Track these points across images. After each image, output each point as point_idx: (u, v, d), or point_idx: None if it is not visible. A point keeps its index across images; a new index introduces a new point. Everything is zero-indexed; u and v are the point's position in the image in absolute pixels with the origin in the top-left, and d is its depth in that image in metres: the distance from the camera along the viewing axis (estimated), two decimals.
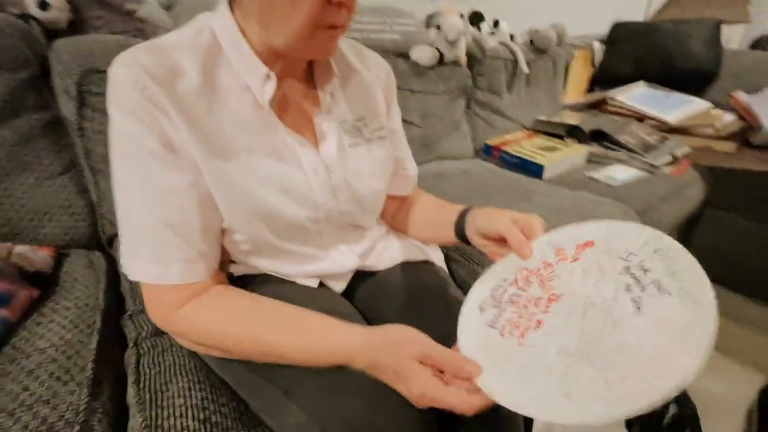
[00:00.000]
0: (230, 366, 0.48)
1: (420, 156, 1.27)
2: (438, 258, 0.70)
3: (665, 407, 0.68)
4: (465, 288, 0.78)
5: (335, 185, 0.51)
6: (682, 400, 0.69)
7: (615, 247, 0.38)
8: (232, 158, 0.44)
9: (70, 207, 0.75)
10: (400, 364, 0.37)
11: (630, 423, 0.72)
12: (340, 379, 0.41)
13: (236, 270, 0.55)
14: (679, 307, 0.31)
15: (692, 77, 1.58)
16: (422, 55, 1.22)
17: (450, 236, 0.57)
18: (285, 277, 0.55)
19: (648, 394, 0.27)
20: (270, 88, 0.44)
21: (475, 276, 0.75)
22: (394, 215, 0.68)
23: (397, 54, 1.21)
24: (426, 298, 0.57)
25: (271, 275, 0.55)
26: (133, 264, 0.43)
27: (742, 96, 1.40)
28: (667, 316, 0.31)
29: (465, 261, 0.77)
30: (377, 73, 0.58)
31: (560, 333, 0.34)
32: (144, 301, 0.45)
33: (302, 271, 0.55)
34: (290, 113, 0.49)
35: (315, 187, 0.49)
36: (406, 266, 0.64)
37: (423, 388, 0.36)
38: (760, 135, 1.31)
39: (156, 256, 0.42)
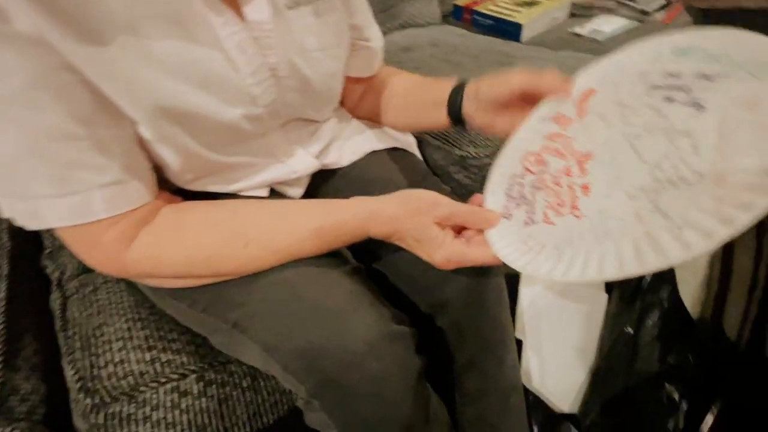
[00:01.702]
0: (171, 303, 0.41)
1: (380, 25, 1.05)
2: (409, 143, 0.60)
3: None
4: (443, 176, 0.71)
5: (275, 68, 0.37)
6: None
7: (620, 78, 0.34)
8: (111, 40, 0.29)
9: None
10: (422, 231, 0.35)
11: (609, 286, 0.73)
12: (293, 306, 0.35)
13: None
14: (751, 82, 0.26)
15: None
16: None
17: (438, 119, 0.47)
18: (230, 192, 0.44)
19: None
20: None
21: (453, 160, 0.67)
22: (360, 102, 0.55)
23: None
24: (400, 190, 0.48)
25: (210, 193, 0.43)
26: (31, 207, 0.30)
27: None
28: (745, 93, 0.26)
29: (441, 144, 0.67)
30: None
31: (619, 180, 0.30)
32: (80, 254, 0.34)
33: (249, 184, 0.44)
34: None
35: (245, 73, 0.36)
36: (373, 157, 0.54)
37: (447, 253, 0.35)
38: None
39: (65, 187, 0.30)
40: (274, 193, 0.48)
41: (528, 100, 0.39)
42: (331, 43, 0.42)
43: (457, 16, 1.21)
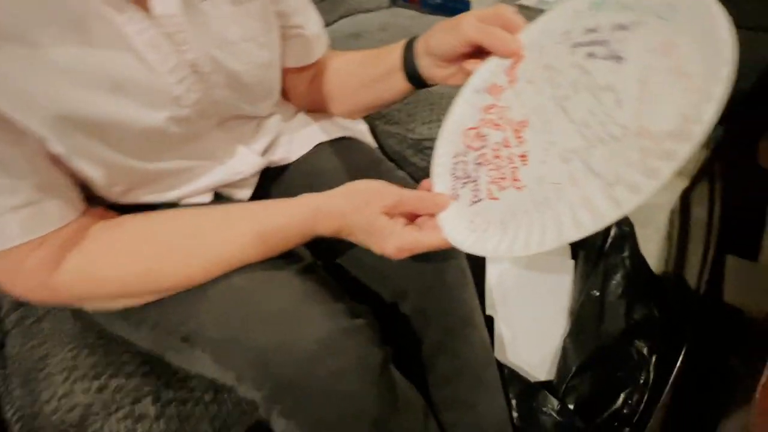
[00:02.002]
0: (119, 324, 0.39)
1: (326, 14, 1.02)
2: (360, 131, 0.58)
3: (607, 228, 0.70)
4: (399, 161, 0.70)
5: (195, 64, 0.35)
6: (621, 219, 0.71)
7: (545, 41, 0.33)
8: None
9: None
10: (370, 224, 0.34)
11: (575, 252, 0.74)
12: (242, 312, 0.34)
13: None
14: (664, 26, 0.26)
15: None
16: None
17: (397, 87, 0.44)
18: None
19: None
20: None
21: (408, 144, 0.66)
22: (308, 93, 0.52)
23: None
24: (345, 184, 0.47)
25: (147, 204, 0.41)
26: None
27: None
28: (659, 39, 0.26)
29: (394, 129, 0.66)
30: None
31: (553, 145, 0.30)
32: (4, 285, 0.32)
33: (188, 190, 0.41)
34: None
35: (162, 72, 0.33)
36: (324, 149, 0.52)
37: (398, 242, 0.34)
38: None
39: None
40: (220, 198, 0.46)
41: (483, 50, 0.36)
42: (257, 32, 0.40)
43: None
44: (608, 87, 0.27)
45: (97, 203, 0.37)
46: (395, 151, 0.67)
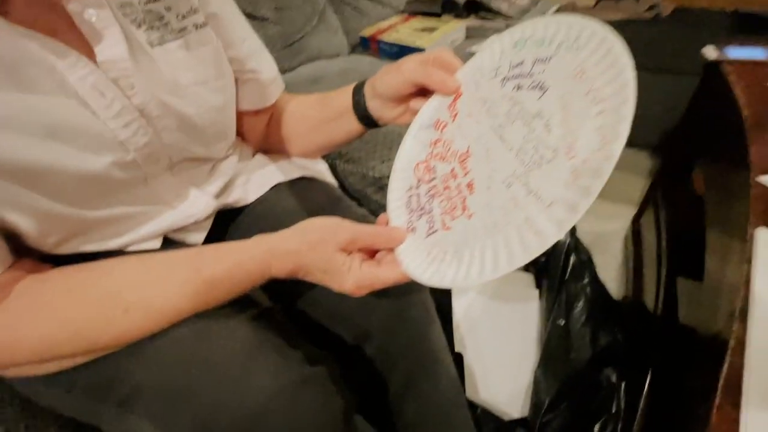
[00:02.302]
0: (45, 392, 0.34)
1: (287, 60, 1.07)
2: (320, 170, 0.58)
3: (566, 257, 0.72)
4: (361, 198, 0.70)
5: (143, 108, 0.34)
6: (578, 248, 0.74)
7: (480, 78, 0.36)
8: None
9: None
10: (326, 261, 0.34)
11: (539, 282, 0.76)
12: (183, 368, 0.31)
13: None
14: (575, 54, 0.30)
15: None
16: None
17: (350, 127, 0.45)
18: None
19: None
20: None
21: (368, 181, 0.67)
22: (265, 136, 0.52)
23: None
24: (300, 222, 0.46)
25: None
26: None
27: None
28: (572, 67, 0.29)
29: (354, 167, 0.67)
30: None
31: (496, 171, 0.32)
32: None
33: (135, 237, 0.39)
34: (18, 3, 0.29)
35: (106, 117, 0.32)
36: (282, 189, 0.51)
37: (356, 279, 0.33)
38: None
39: None
40: (171, 243, 0.43)
41: (425, 91, 0.38)
42: (209, 77, 0.40)
43: (365, 46, 1.25)
44: (537, 114, 0.30)
45: (30, 254, 0.34)
46: (356, 189, 0.67)
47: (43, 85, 0.29)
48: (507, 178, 0.30)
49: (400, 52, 1.17)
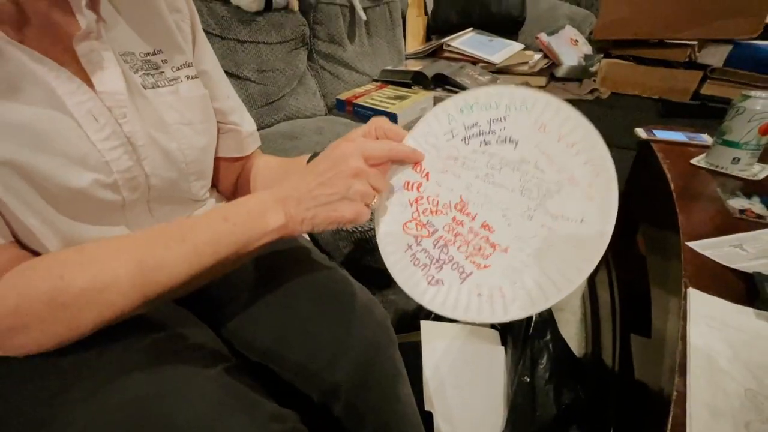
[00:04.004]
0: None
1: (266, 117, 1.12)
2: None
3: (529, 316, 0.74)
4: (333, 251, 0.72)
5: (131, 137, 0.37)
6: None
7: (436, 141, 0.39)
8: None
9: None
10: (319, 161, 0.36)
11: (504, 339, 0.77)
12: (110, 399, 0.30)
13: None
14: (528, 114, 0.35)
15: (506, 22, 1.76)
16: None
17: None
18: None
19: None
20: None
21: (341, 235, 0.68)
22: (235, 186, 0.55)
23: None
24: (285, 271, 0.47)
25: None
26: None
27: (544, 37, 1.61)
28: (531, 122, 0.34)
29: None
30: (175, 1, 0.43)
31: (508, 210, 0.35)
32: None
33: None
34: (34, 32, 0.33)
35: (97, 138, 0.34)
36: None
37: (359, 147, 0.35)
38: (561, 69, 1.54)
39: None
40: None
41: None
42: (195, 119, 0.43)
43: (340, 108, 1.34)
44: (522, 160, 0.35)
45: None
46: (328, 242, 0.69)
47: (42, 102, 0.32)
48: (524, 212, 0.34)
49: (373, 114, 1.26)
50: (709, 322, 0.36)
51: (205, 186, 0.48)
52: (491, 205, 0.36)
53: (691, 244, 0.48)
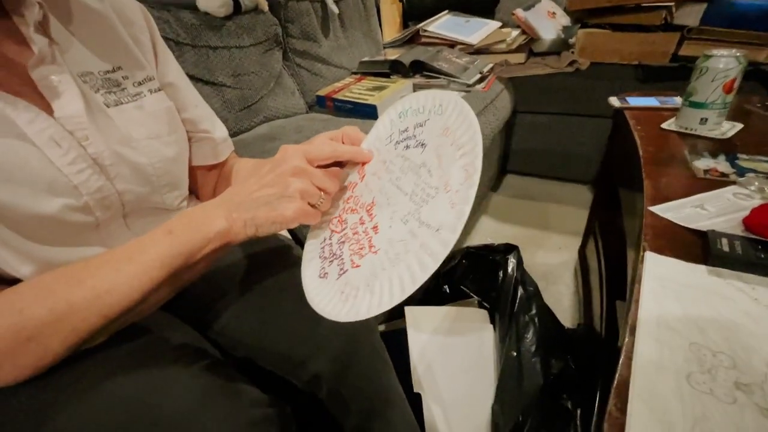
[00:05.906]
0: None
1: (245, 121, 1.13)
2: None
3: (515, 291, 0.76)
4: None
5: (97, 158, 0.38)
6: (524, 281, 0.78)
7: (380, 145, 0.42)
8: None
9: None
10: (254, 178, 0.37)
11: (493, 317, 0.79)
12: (98, 403, 0.31)
13: None
14: (440, 118, 0.38)
15: (482, 1, 1.73)
16: (211, 3, 1.03)
17: None
18: None
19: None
20: None
21: None
22: (214, 192, 0.56)
23: (180, 5, 1.00)
24: (268, 270, 0.48)
25: None
26: None
27: (520, 13, 1.59)
28: (440, 126, 0.37)
29: None
30: (130, 15, 0.44)
31: (395, 213, 0.37)
32: None
33: None
34: None
35: (62, 164, 0.35)
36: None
37: (292, 156, 0.36)
38: (540, 44, 1.52)
39: None
40: None
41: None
42: (162, 132, 0.44)
43: (321, 104, 1.34)
44: (422, 165, 0.37)
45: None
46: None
47: (2, 134, 0.33)
48: (404, 216, 0.36)
49: (353, 108, 1.26)
50: (664, 283, 0.37)
51: (180, 196, 0.49)
52: (387, 207, 0.38)
53: (653, 208, 0.49)
